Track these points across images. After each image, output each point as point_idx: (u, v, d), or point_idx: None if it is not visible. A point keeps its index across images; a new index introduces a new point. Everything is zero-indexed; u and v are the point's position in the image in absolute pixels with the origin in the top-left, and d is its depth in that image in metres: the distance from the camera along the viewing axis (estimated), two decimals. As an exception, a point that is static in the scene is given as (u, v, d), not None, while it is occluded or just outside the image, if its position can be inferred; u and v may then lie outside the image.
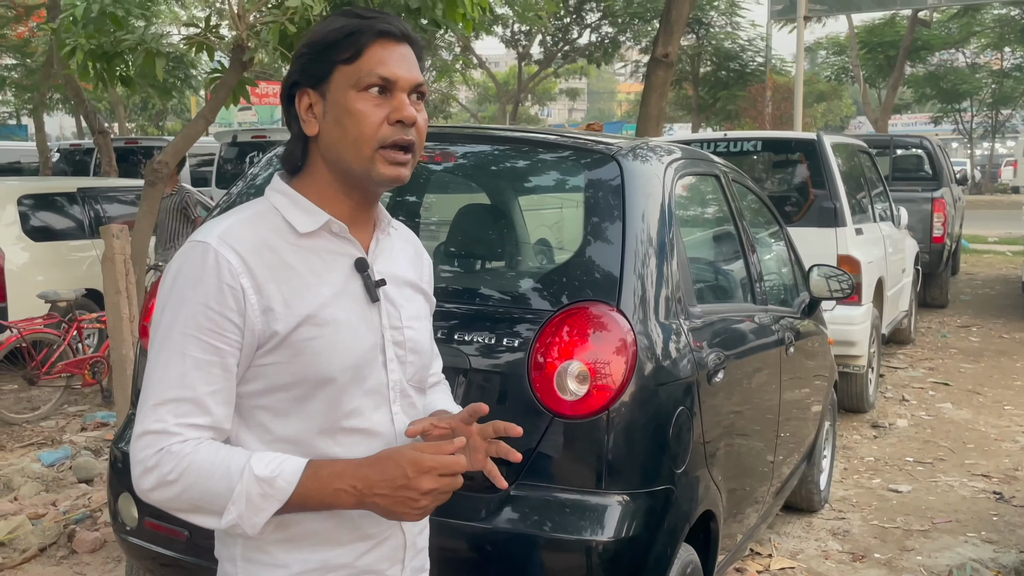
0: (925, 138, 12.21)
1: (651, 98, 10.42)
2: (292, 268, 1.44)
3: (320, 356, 1.42)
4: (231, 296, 1.38)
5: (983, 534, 4.59)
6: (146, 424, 1.37)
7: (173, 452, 1.35)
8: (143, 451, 1.37)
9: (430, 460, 1.37)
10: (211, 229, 1.43)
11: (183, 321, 1.39)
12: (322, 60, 1.45)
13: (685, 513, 2.61)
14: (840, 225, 6.24)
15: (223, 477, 1.34)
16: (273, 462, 1.36)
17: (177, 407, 1.37)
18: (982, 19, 30.50)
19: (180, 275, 1.42)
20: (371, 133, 1.42)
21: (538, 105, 46.86)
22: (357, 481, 1.37)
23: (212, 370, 1.39)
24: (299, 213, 1.47)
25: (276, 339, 1.41)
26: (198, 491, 1.35)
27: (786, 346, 3.73)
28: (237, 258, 1.39)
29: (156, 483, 1.36)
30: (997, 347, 9.21)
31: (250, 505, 1.34)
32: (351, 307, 1.47)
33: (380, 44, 1.44)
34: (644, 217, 2.71)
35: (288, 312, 1.41)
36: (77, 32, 5.80)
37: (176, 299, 1.41)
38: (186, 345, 1.38)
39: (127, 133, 25.55)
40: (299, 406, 1.44)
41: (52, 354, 6.64)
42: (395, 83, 1.44)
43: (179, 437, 1.36)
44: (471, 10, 5.81)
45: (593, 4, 24.90)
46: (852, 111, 45.12)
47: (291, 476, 1.35)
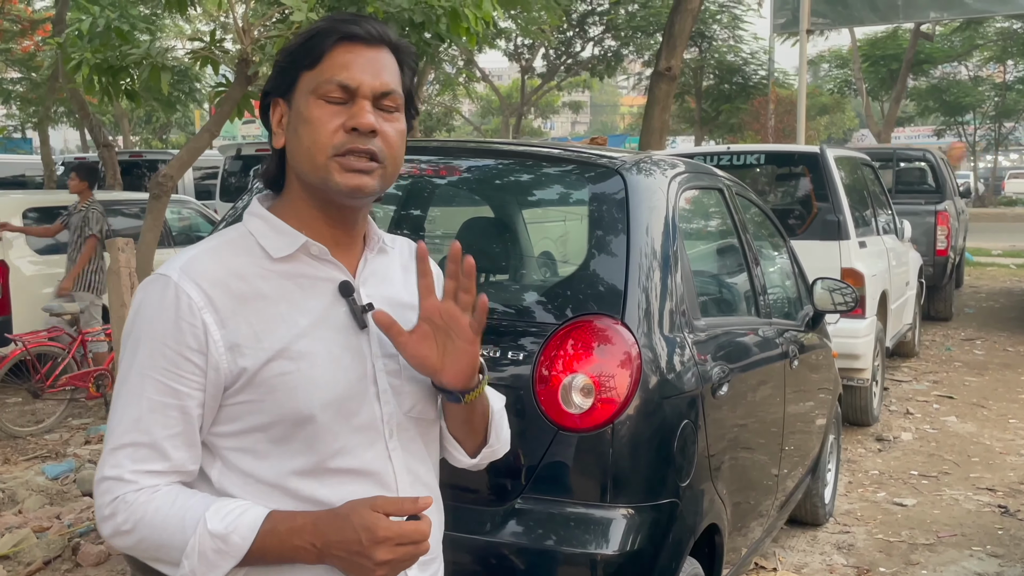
0: (928, 151, 12.22)
1: (654, 111, 10.45)
2: (264, 297, 1.34)
3: (296, 392, 1.32)
4: (190, 334, 1.29)
5: (988, 548, 4.57)
6: (103, 470, 1.31)
7: (127, 502, 1.29)
8: (101, 498, 1.31)
9: (384, 530, 1.25)
10: (175, 260, 1.35)
11: (140, 361, 1.31)
12: (289, 67, 1.38)
13: (690, 527, 2.61)
14: (844, 238, 6.25)
15: (177, 530, 1.27)
16: (230, 515, 1.27)
17: (134, 452, 1.30)
18: (984, 32, 30.57)
19: (139, 311, 1.33)
20: (324, 140, 1.32)
21: (541, 118, 47.00)
22: (316, 539, 1.27)
23: (170, 413, 1.30)
24: (274, 237, 1.38)
25: (245, 377, 1.31)
26: (153, 543, 1.28)
27: (790, 359, 3.73)
28: (199, 292, 1.30)
29: (113, 532, 1.30)
30: (1002, 360, 9.19)
31: (203, 560, 1.26)
32: (333, 336, 1.36)
33: (344, 48, 1.35)
34: (648, 230, 2.71)
35: (258, 347, 1.31)
36: (83, 46, 5.85)
37: (135, 337, 1.33)
38: (143, 386, 1.30)
39: (131, 146, 25.64)
40: (278, 447, 1.34)
41: (56, 367, 6.65)
42: (355, 89, 1.33)
43: (134, 485, 1.29)
44: (475, 24, 5.83)
45: (596, 17, 25.00)
46: (855, 124, 45.18)
47: (247, 531, 1.26)
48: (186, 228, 9.66)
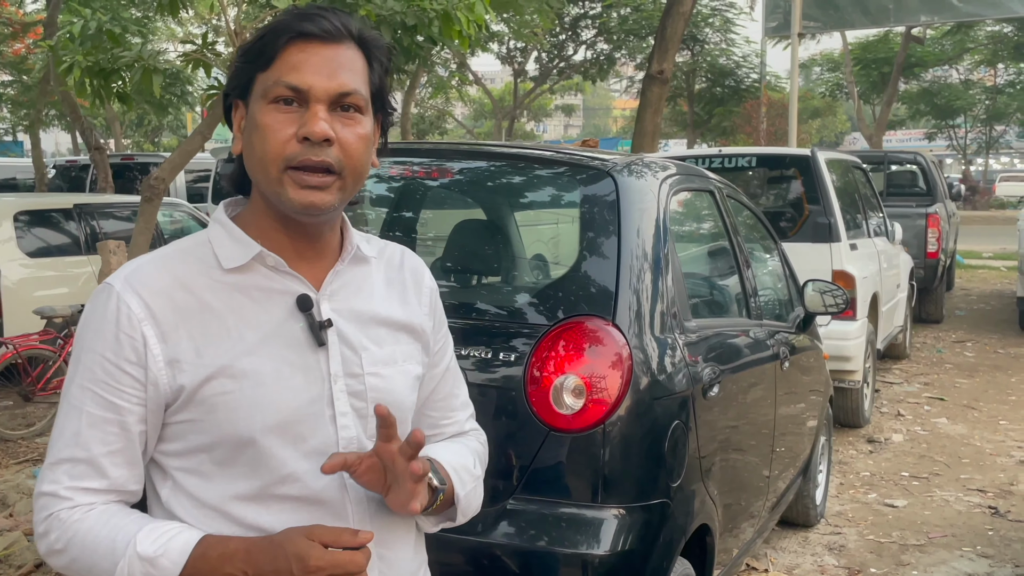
0: (919, 154, 12.27)
1: (646, 114, 10.47)
2: (211, 310, 1.26)
3: (236, 414, 1.24)
4: (129, 346, 1.23)
5: (979, 548, 4.59)
6: (41, 485, 1.26)
7: (61, 519, 1.23)
8: (37, 514, 1.25)
9: (317, 559, 1.18)
10: (122, 269, 1.29)
11: (81, 373, 1.25)
12: (244, 68, 1.28)
13: (681, 527, 2.62)
14: (835, 240, 6.27)
15: (107, 552, 1.21)
16: (161, 538, 1.21)
17: (72, 468, 1.24)
18: (975, 36, 30.71)
19: (85, 322, 1.28)
20: (277, 151, 1.23)
21: (534, 121, 47.02)
22: (248, 566, 1.20)
23: (109, 428, 1.23)
24: (229, 246, 1.29)
25: (184, 395, 1.24)
26: (85, 564, 1.23)
27: (781, 361, 3.74)
28: (140, 303, 1.23)
29: (47, 550, 1.25)
30: (992, 362, 9.23)
31: None
32: (283, 354, 1.27)
33: (298, 47, 1.24)
34: (639, 232, 2.72)
35: (198, 363, 1.24)
36: (74, 49, 5.83)
37: (78, 348, 1.27)
38: (83, 400, 1.24)
39: (123, 149, 25.61)
40: (221, 470, 1.27)
41: (48, 370, 6.63)
42: (306, 92, 1.23)
43: (69, 503, 1.23)
44: (467, 27, 5.84)
45: (588, 21, 25.06)
46: (847, 127, 45.34)
47: (177, 556, 1.20)
48: (178, 231, 9.64)
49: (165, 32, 22.01)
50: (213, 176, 13.73)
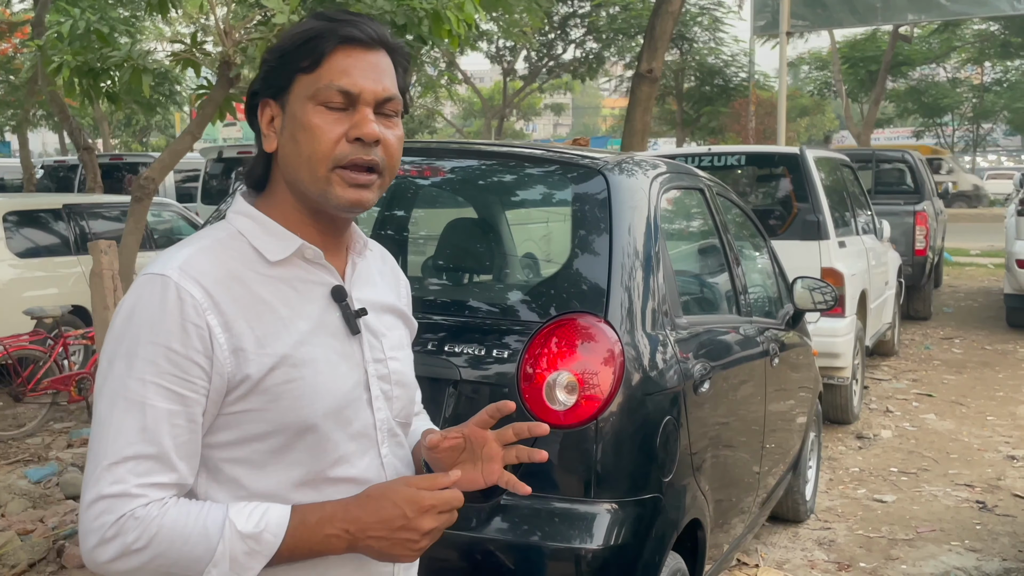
0: (907, 152, 12.34)
1: (636, 113, 10.50)
2: (264, 302, 1.28)
3: (301, 401, 1.27)
4: (196, 336, 1.22)
5: (966, 543, 4.64)
6: (100, 488, 1.20)
7: (138, 517, 1.19)
8: (98, 519, 1.20)
9: (430, 498, 1.26)
10: (169, 260, 1.27)
11: (141, 367, 1.21)
12: (283, 68, 1.31)
13: (672, 521, 2.64)
14: (823, 238, 6.31)
15: (201, 539, 1.20)
16: (255, 514, 1.22)
17: (137, 465, 1.20)
18: (962, 34, 30.86)
19: (135, 314, 1.24)
20: (326, 151, 1.27)
21: (523, 120, 47.06)
22: (349, 524, 1.25)
23: (177, 421, 1.22)
24: (269, 239, 1.32)
25: (248, 384, 1.25)
26: (172, 558, 1.20)
27: (771, 357, 3.77)
28: (202, 292, 1.23)
29: (118, 553, 1.20)
30: (980, 358, 9.29)
31: (235, 565, 1.21)
32: (329, 343, 1.33)
33: (344, 52, 1.29)
34: (630, 230, 2.75)
35: (261, 353, 1.26)
36: (63, 48, 5.83)
37: (131, 342, 1.23)
38: (146, 394, 1.21)
39: (111, 149, 25.52)
40: (277, 457, 1.29)
41: (38, 371, 6.62)
42: (357, 96, 1.28)
43: (143, 500, 1.20)
44: (456, 26, 5.86)
45: (577, 20, 25.10)
46: (835, 125, 45.51)
47: (277, 528, 1.22)
48: (167, 231, 9.62)
49: (154, 32, 21.93)
50: (203, 176, 13.70)
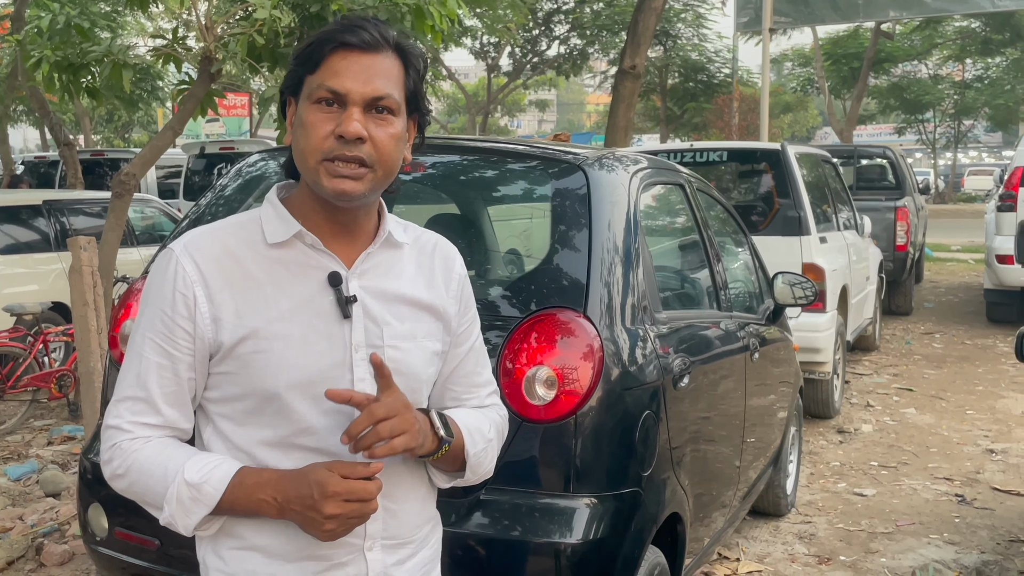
0: (888, 148, 12.41)
1: (619, 109, 10.52)
2: (253, 279, 1.43)
3: (265, 371, 1.41)
4: (183, 303, 1.41)
5: (945, 535, 4.68)
6: (107, 419, 1.46)
7: (123, 448, 1.43)
8: (104, 444, 1.46)
9: (335, 485, 1.35)
10: (182, 237, 1.47)
11: (144, 324, 1.45)
12: (295, 68, 1.46)
13: (652, 515, 2.65)
14: (804, 234, 6.34)
15: (160, 477, 1.40)
16: (205, 468, 1.39)
17: (133, 405, 1.44)
18: (944, 31, 31.06)
19: (150, 280, 1.47)
20: (316, 145, 1.39)
21: (508, 116, 47.01)
22: (277, 493, 1.38)
23: (164, 373, 1.43)
24: (276, 223, 1.47)
25: (223, 349, 1.42)
26: (141, 487, 1.43)
27: (751, 352, 3.79)
28: (194, 267, 1.41)
29: (110, 474, 1.45)
30: (960, 353, 9.36)
31: (180, 507, 1.39)
32: (312, 322, 1.43)
33: (340, 55, 1.41)
34: (610, 225, 2.75)
35: (237, 323, 1.41)
36: (43, 43, 5.78)
37: (144, 302, 1.47)
38: (144, 347, 1.44)
39: (93, 145, 25.33)
40: (251, 418, 1.44)
41: (18, 368, 6.57)
42: (345, 96, 1.39)
43: (130, 434, 1.43)
44: (439, 22, 5.84)
45: (561, 16, 25.09)
46: (818, 122, 45.72)
47: (218, 483, 1.39)
48: (149, 227, 9.58)
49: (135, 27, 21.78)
50: (184, 172, 13.63)
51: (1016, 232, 9.69)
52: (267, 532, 1.44)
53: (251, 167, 3.38)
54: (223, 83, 6.32)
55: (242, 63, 5.67)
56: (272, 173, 3.43)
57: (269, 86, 5.98)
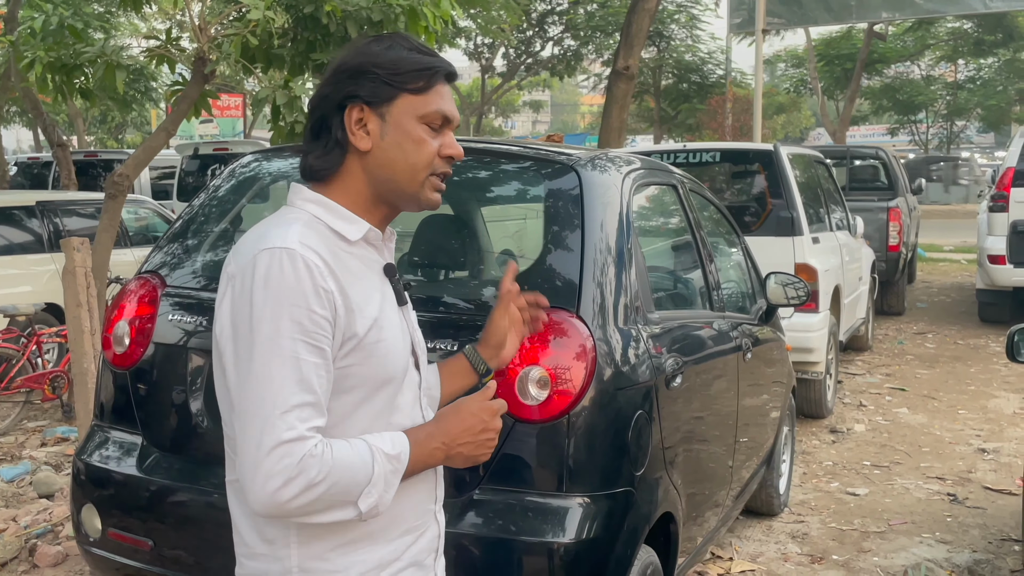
0: (881, 149, 12.44)
1: (613, 110, 10.54)
2: (354, 273, 1.52)
3: (387, 358, 1.52)
4: (325, 298, 1.43)
5: (937, 535, 4.70)
6: (278, 435, 1.38)
7: (316, 455, 1.39)
8: (281, 462, 1.37)
9: (497, 404, 1.58)
10: (283, 236, 1.45)
11: (289, 327, 1.40)
12: (391, 84, 1.53)
13: (645, 515, 2.66)
14: (797, 234, 6.36)
15: (362, 466, 1.44)
16: (388, 440, 1.49)
17: (301, 412, 1.40)
18: (936, 32, 31.10)
19: (270, 282, 1.42)
20: (428, 161, 1.55)
21: (502, 117, 47.01)
22: (443, 437, 1.54)
23: (321, 372, 1.43)
24: (343, 222, 1.54)
25: (355, 340, 1.47)
26: (342, 486, 1.42)
27: (744, 352, 3.80)
28: (321, 261, 1.45)
29: (302, 489, 1.38)
30: (952, 353, 9.40)
31: (387, 484, 1.47)
32: (393, 311, 1.58)
33: (444, 84, 1.58)
34: (603, 226, 2.76)
35: (363, 314, 1.49)
36: (36, 44, 5.78)
37: (274, 305, 1.41)
38: (297, 350, 1.40)
39: (86, 146, 25.27)
40: (361, 404, 1.51)
41: (11, 369, 6.56)
42: (452, 122, 1.58)
43: (313, 440, 1.40)
44: (433, 23, 5.86)
45: (555, 17, 25.10)
46: (811, 123, 45.76)
47: (406, 448, 1.51)
48: (143, 228, 9.56)
49: (128, 28, 21.74)
50: (178, 173, 13.60)
51: (1008, 232, 9.75)
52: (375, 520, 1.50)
53: (245, 168, 3.39)
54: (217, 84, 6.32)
55: (236, 64, 5.68)
56: (266, 174, 3.43)
57: (263, 87, 5.98)
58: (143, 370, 2.96)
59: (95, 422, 3.14)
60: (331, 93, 1.54)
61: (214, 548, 2.64)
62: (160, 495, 2.81)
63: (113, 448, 2.98)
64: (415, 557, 1.59)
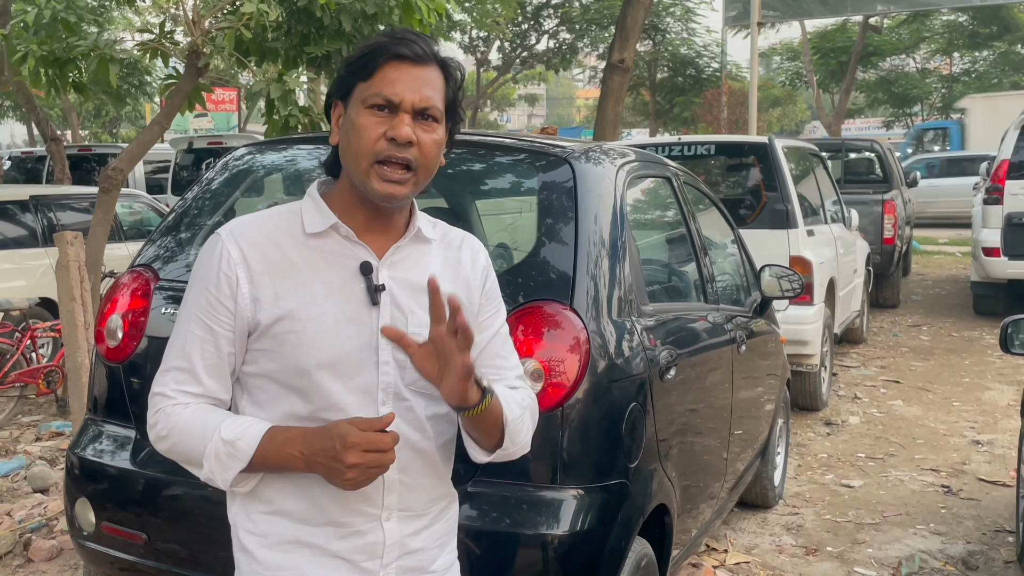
0: (876, 142, 12.45)
1: (608, 103, 10.53)
2: (292, 264, 1.56)
3: (298, 349, 1.53)
4: (226, 283, 1.54)
5: (931, 526, 4.71)
6: (154, 387, 1.60)
7: (167, 412, 1.57)
8: (150, 410, 1.60)
9: (355, 436, 1.46)
10: (229, 224, 1.61)
11: (191, 301, 1.59)
12: (347, 75, 1.57)
13: (639, 507, 2.66)
14: (792, 227, 6.36)
15: (200, 437, 1.53)
16: (240, 426, 1.52)
17: (177, 375, 1.58)
18: (931, 25, 31.15)
19: (198, 261, 1.61)
20: (368, 147, 1.51)
21: (497, 111, 46.95)
22: (303, 448, 1.50)
23: (206, 347, 1.56)
24: (314, 215, 1.59)
25: (260, 328, 1.55)
26: (183, 447, 1.55)
27: (738, 344, 3.80)
28: (238, 251, 1.55)
29: (155, 437, 1.59)
30: (947, 345, 9.42)
31: (218, 462, 1.51)
32: (344, 307, 1.56)
33: (393, 65, 1.53)
34: (596, 218, 2.76)
35: (274, 305, 1.54)
36: (28, 38, 5.76)
37: (192, 281, 1.60)
38: (190, 322, 1.58)
39: (80, 140, 25.20)
40: (284, 392, 1.57)
41: (5, 363, 6.55)
42: (397, 104, 1.52)
43: (173, 400, 1.57)
44: (428, 16, 5.84)
45: (551, 10, 25.07)
46: (807, 116, 45.76)
47: (251, 439, 1.51)
48: (137, 222, 9.54)
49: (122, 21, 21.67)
50: (172, 167, 13.57)
51: (1002, 224, 9.76)
52: (294, 498, 1.57)
53: (238, 161, 3.38)
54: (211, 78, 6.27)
55: (229, 57, 5.66)
56: (259, 167, 3.42)
57: (257, 80, 5.96)
58: (136, 364, 2.95)
59: (88, 416, 3.14)
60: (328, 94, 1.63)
61: (208, 541, 2.65)
62: (154, 489, 2.80)
63: (107, 442, 2.98)
64: (342, 552, 1.57)
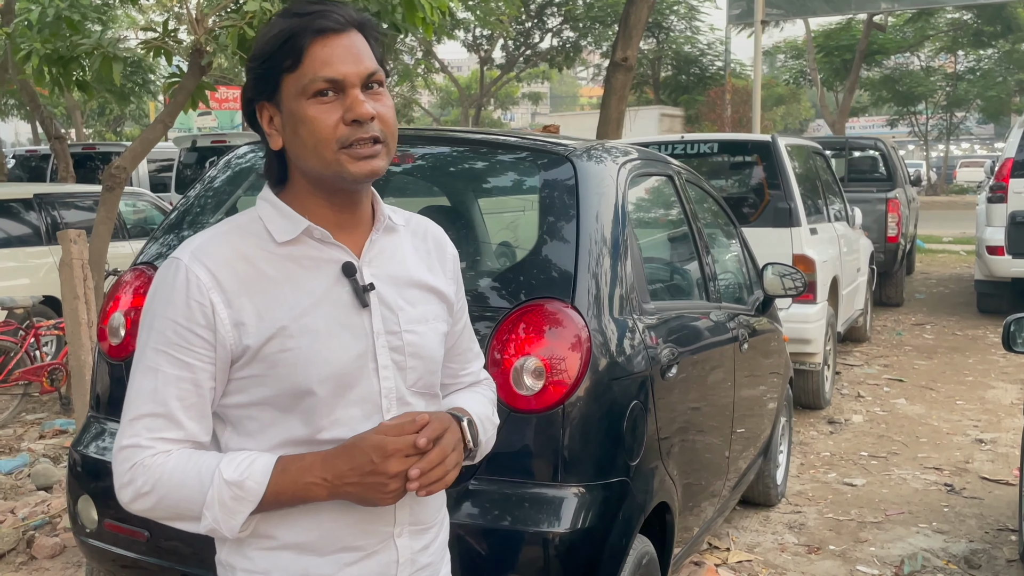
0: (880, 140, 12.43)
1: (611, 101, 10.52)
2: (268, 279, 1.41)
3: (296, 368, 1.39)
4: (199, 312, 1.37)
5: (934, 525, 4.71)
6: (121, 440, 1.39)
7: (145, 465, 1.37)
8: (119, 466, 1.39)
9: (393, 443, 1.34)
10: (187, 244, 1.42)
11: (155, 338, 1.39)
12: (268, 71, 1.40)
13: (640, 505, 2.67)
14: (795, 225, 6.36)
15: (195, 484, 1.35)
16: (243, 464, 1.36)
17: (151, 422, 1.38)
18: (936, 23, 31.08)
19: (155, 293, 1.41)
20: (328, 137, 1.36)
21: (501, 109, 46.95)
22: (327, 472, 1.35)
23: (183, 385, 1.38)
24: (280, 221, 1.44)
25: (249, 353, 1.38)
26: (173, 500, 1.36)
27: (740, 343, 3.80)
28: (207, 273, 1.37)
29: (133, 496, 1.38)
30: (950, 344, 9.40)
31: (224, 509, 1.35)
32: (334, 315, 1.42)
33: (320, 43, 1.37)
34: (598, 216, 2.76)
35: (260, 325, 1.38)
36: (32, 36, 5.77)
37: (150, 316, 1.41)
38: (158, 361, 1.38)
39: (84, 139, 25.24)
40: (280, 417, 1.41)
41: (9, 361, 6.56)
42: (343, 82, 1.37)
43: (151, 451, 1.37)
44: (431, 14, 5.84)
45: (554, 8, 25.07)
46: (811, 114, 45.71)
47: (260, 476, 1.35)
48: (140, 221, 9.56)
49: (125, 20, 21.69)
50: (176, 165, 13.59)
51: (1007, 223, 9.75)
52: (301, 528, 1.42)
53: (240, 159, 3.39)
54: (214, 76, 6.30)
55: (233, 55, 5.66)
56: (261, 165, 3.43)
57: (260, 79, 5.94)
58: (139, 361, 2.96)
59: (91, 413, 3.15)
60: (243, 99, 1.47)
61: (210, 539, 2.65)
62: (156, 486, 2.81)
63: (109, 439, 2.99)
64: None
